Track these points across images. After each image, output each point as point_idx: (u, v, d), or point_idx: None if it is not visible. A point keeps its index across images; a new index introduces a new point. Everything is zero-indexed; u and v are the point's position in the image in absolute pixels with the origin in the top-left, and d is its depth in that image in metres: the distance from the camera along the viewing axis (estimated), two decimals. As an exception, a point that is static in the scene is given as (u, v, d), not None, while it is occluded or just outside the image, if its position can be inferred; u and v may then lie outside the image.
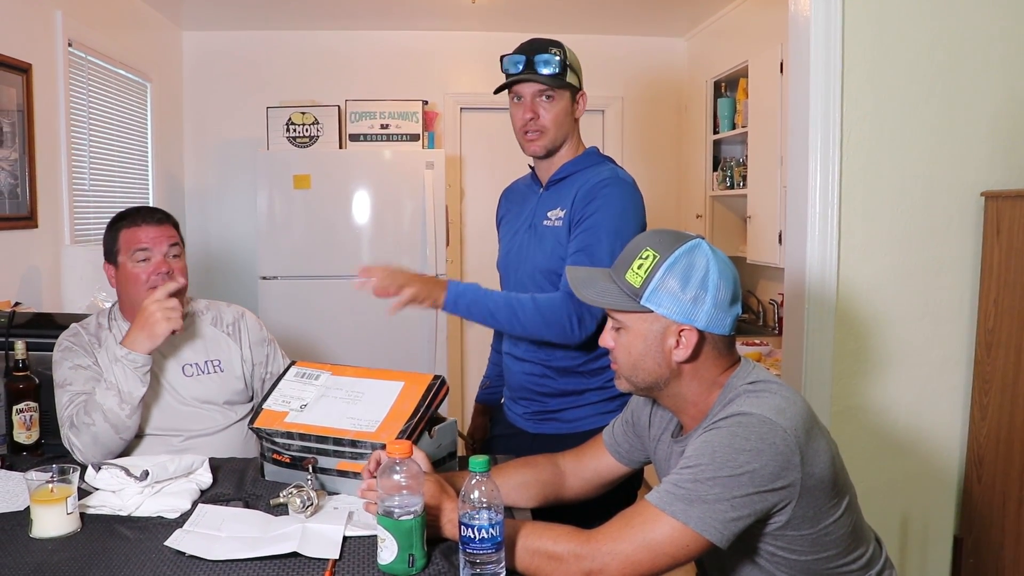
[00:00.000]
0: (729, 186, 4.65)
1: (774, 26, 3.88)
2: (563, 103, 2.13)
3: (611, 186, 2.06)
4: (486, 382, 2.53)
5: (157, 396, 2.07)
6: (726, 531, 1.33)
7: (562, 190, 2.15)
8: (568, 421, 2.16)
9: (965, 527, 2.60)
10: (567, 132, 2.16)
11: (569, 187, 2.13)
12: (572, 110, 2.16)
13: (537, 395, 2.20)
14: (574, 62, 2.15)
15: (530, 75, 2.10)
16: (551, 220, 2.14)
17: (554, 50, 2.09)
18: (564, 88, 2.12)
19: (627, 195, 2.07)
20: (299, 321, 4.18)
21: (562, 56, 2.10)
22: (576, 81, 2.15)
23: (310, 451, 1.81)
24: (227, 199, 4.98)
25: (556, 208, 2.13)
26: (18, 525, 1.61)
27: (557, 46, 2.10)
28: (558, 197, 2.15)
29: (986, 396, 2.52)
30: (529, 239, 2.20)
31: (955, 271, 2.56)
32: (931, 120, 2.50)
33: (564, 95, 2.13)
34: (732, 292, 1.47)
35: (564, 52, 2.11)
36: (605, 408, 2.13)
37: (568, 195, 2.11)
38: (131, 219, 2.17)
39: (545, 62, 2.08)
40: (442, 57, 5.09)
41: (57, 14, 3.27)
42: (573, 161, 2.18)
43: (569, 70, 2.11)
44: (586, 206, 2.04)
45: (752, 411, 1.37)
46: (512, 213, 2.34)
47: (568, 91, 2.13)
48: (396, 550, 1.38)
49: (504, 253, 2.32)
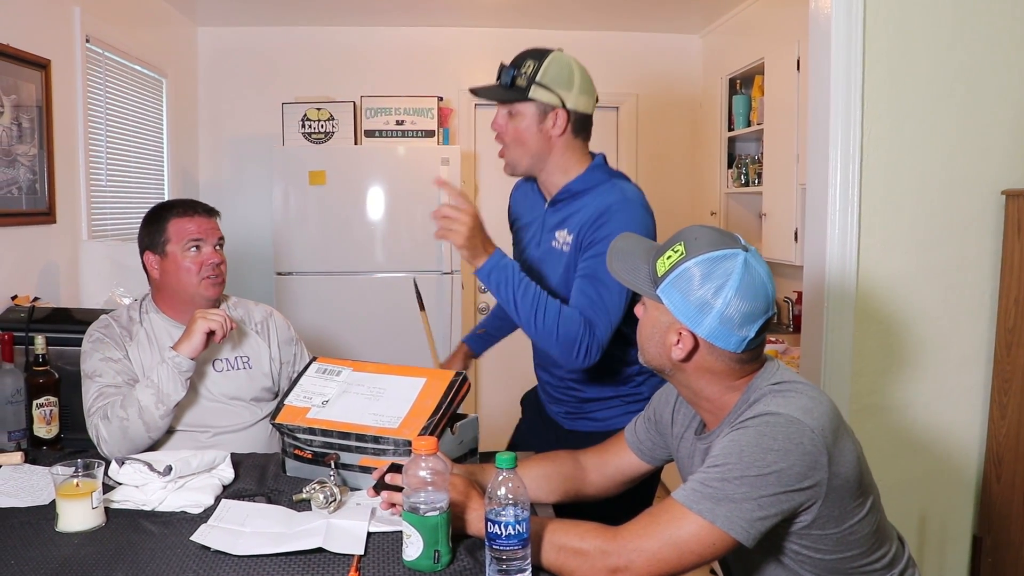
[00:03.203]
0: (744, 183, 4.63)
1: (790, 23, 3.86)
2: (524, 120, 2.00)
3: (620, 211, 1.95)
4: (480, 329, 2.52)
5: (188, 391, 2.08)
6: (752, 530, 1.33)
7: (568, 209, 2.05)
8: (599, 420, 2.16)
9: (984, 526, 2.59)
10: (535, 150, 2.03)
11: (575, 207, 2.03)
12: (540, 128, 2.00)
13: (568, 400, 2.21)
14: (554, 76, 1.98)
15: (485, 88, 2.04)
16: (559, 242, 2.06)
17: (528, 63, 1.98)
18: (522, 102, 1.99)
19: (636, 218, 1.96)
20: (315, 317, 4.19)
21: (531, 70, 1.97)
22: (550, 97, 1.98)
23: (332, 447, 1.81)
24: (242, 195, 4.99)
25: (563, 229, 2.05)
26: (43, 519, 1.62)
27: (538, 58, 1.98)
28: (565, 217, 2.05)
29: (1005, 395, 2.51)
30: (541, 259, 2.13)
31: (975, 269, 2.55)
32: (951, 118, 2.49)
33: (525, 110, 2.00)
34: (748, 313, 1.41)
35: (538, 64, 1.97)
36: (633, 407, 2.09)
37: (575, 218, 2.02)
38: (182, 209, 2.19)
39: (506, 76, 1.99)
40: (456, 53, 5.08)
41: (76, 10, 3.27)
42: (577, 180, 2.05)
43: (536, 86, 1.97)
44: (594, 232, 1.95)
45: (780, 411, 1.37)
46: (523, 220, 2.26)
47: (531, 106, 1.99)
48: (422, 546, 1.38)
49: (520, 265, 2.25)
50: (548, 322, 1.92)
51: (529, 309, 1.92)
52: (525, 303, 1.93)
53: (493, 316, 2.52)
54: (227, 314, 2.09)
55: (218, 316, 2.05)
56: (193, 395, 2.13)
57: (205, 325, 2.04)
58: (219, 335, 2.06)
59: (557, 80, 1.99)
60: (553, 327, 1.92)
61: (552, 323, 1.92)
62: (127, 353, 2.14)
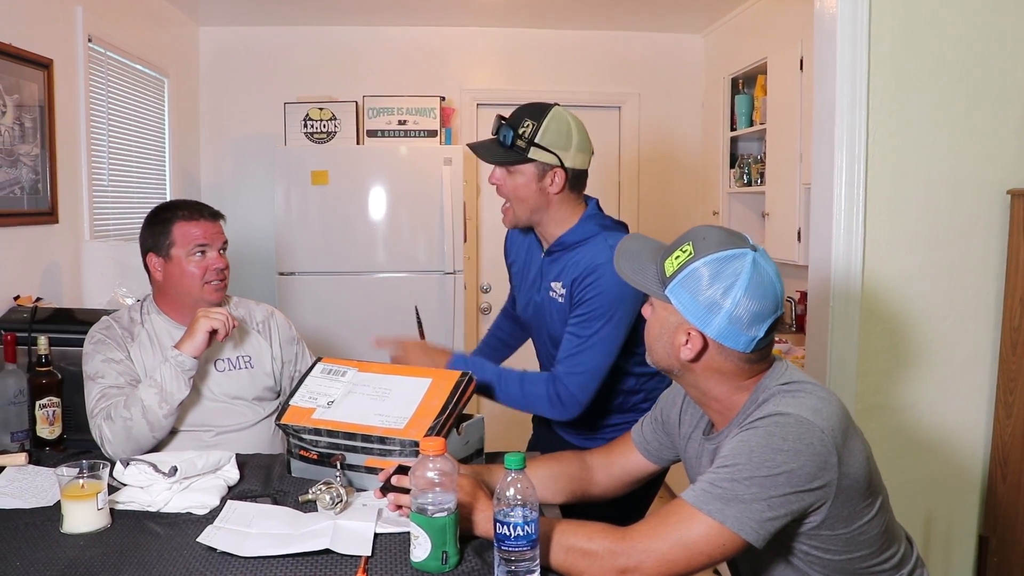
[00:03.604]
0: (746, 183, 4.63)
1: (793, 23, 3.86)
2: (523, 178, 2.05)
3: (607, 271, 1.93)
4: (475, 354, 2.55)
5: (191, 391, 2.07)
6: (762, 531, 1.33)
7: (562, 261, 2.09)
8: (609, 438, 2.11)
9: (989, 526, 2.59)
10: (535, 205, 2.08)
11: (566, 262, 2.08)
12: (539, 186, 2.05)
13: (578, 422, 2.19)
14: (553, 137, 2.02)
15: (479, 147, 2.09)
16: (555, 292, 2.12)
17: (526, 124, 2.01)
18: (517, 163, 2.04)
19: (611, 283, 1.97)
20: (317, 317, 4.18)
21: (530, 131, 2.00)
22: (549, 158, 2.02)
23: (338, 447, 1.81)
24: (244, 195, 4.98)
25: (558, 281, 2.10)
26: (48, 521, 1.62)
27: (536, 118, 2.01)
28: (559, 269, 2.10)
29: (1011, 395, 2.51)
30: (540, 305, 2.19)
31: (980, 269, 2.55)
32: (957, 117, 2.49)
33: (524, 170, 2.04)
34: (756, 313, 1.41)
35: (537, 126, 2.01)
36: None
37: (567, 272, 2.06)
38: (188, 212, 2.18)
39: (504, 135, 2.03)
40: (458, 53, 5.07)
41: (78, 9, 3.27)
42: (570, 232, 2.10)
43: (535, 147, 2.01)
44: (583, 291, 2.01)
45: (789, 411, 1.37)
46: (519, 263, 2.31)
47: (530, 166, 2.03)
48: (430, 547, 1.38)
49: (523, 307, 2.30)
50: (513, 390, 2.06)
51: (497, 386, 2.07)
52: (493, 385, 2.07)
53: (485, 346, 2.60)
54: (229, 313, 2.08)
55: (221, 315, 2.05)
56: (195, 395, 2.13)
57: (208, 324, 2.03)
58: (221, 334, 2.06)
59: (556, 141, 2.02)
60: (519, 394, 2.06)
61: (516, 390, 2.06)
62: (129, 354, 2.13)
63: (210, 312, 2.05)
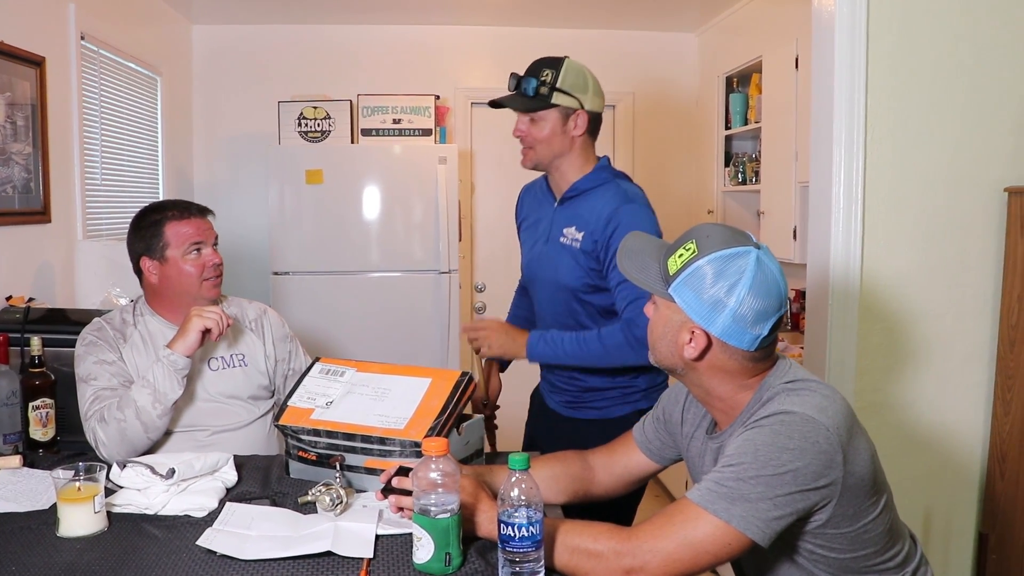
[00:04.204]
0: (741, 181, 4.63)
1: (788, 21, 3.85)
2: (550, 123, 2.17)
3: (625, 212, 2.10)
4: None
5: (185, 391, 2.05)
6: (768, 530, 1.32)
7: (576, 208, 2.21)
8: (597, 408, 2.27)
9: (988, 523, 2.59)
10: (559, 150, 2.20)
11: (582, 206, 2.19)
12: (563, 129, 2.18)
13: (567, 389, 2.31)
14: (572, 81, 2.15)
15: (509, 99, 2.19)
16: (567, 238, 2.20)
17: (545, 72, 2.14)
18: (546, 109, 2.15)
19: (639, 214, 2.12)
20: (311, 317, 4.17)
21: (551, 78, 2.13)
22: (571, 101, 2.16)
23: (337, 448, 1.79)
24: (238, 194, 4.95)
25: (572, 227, 2.19)
26: (44, 524, 1.60)
27: (553, 66, 2.15)
28: (573, 215, 2.21)
29: (1009, 392, 2.50)
30: (547, 253, 2.27)
31: (979, 267, 2.54)
32: (955, 115, 2.49)
33: (549, 116, 2.16)
34: (761, 311, 1.40)
35: (556, 72, 2.14)
36: (631, 398, 2.26)
37: (583, 216, 2.17)
38: (178, 212, 2.15)
39: (527, 85, 2.15)
40: (453, 52, 5.06)
41: (71, 7, 3.24)
42: (584, 179, 2.22)
43: (557, 92, 2.14)
44: (608, 239, 2.10)
45: (795, 409, 1.36)
46: (531, 219, 2.40)
47: (554, 111, 2.16)
48: (432, 549, 1.36)
49: (527, 262, 2.39)
50: (595, 348, 2.12)
51: (579, 351, 2.14)
52: (574, 351, 2.14)
53: (511, 318, 2.60)
54: (223, 311, 2.06)
55: (214, 313, 2.03)
56: (190, 395, 2.11)
57: (200, 323, 2.01)
58: (215, 333, 2.03)
59: (575, 85, 2.16)
60: (601, 349, 2.11)
61: (598, 347, 2.11)
62: (121, 355, 2.11)
63: (203, 311, 2.03)
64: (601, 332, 2.12)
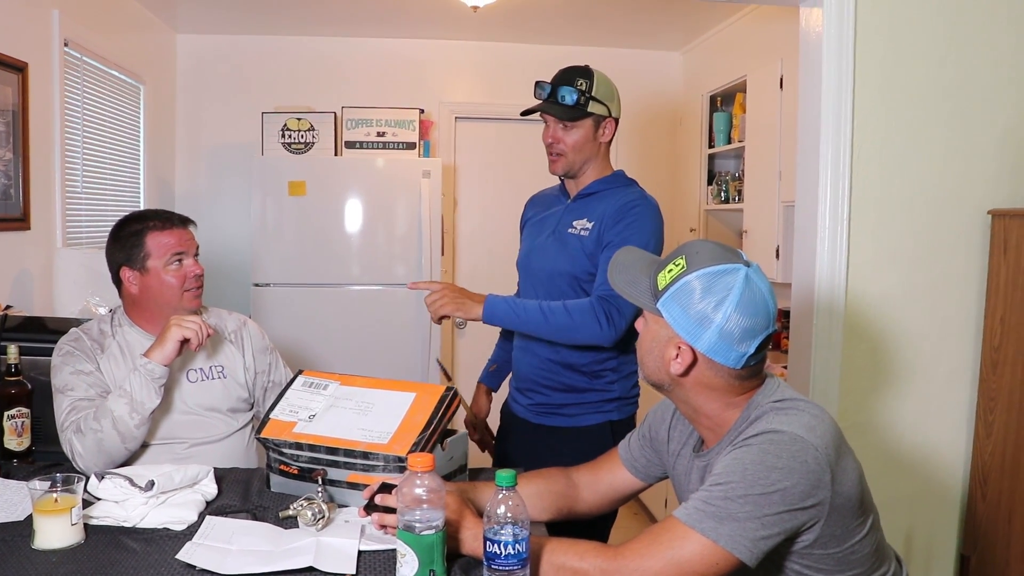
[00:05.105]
0: (724, 200, 4.64)
1: (773, 41, 3.88)
2: (583, 131, 2.25)
3: (640, 207, 2.19)
4: (492, 365, 2.61)
5: (162, 403, 2.02)
6: (756, 549, 1.31)
7: (590, 204, 2.27)
8: (568, 416, 2.26)
9: (969, 545, 2.59)
10: (588, 156, 2.28)
11: (597, 202, 2.25)
12: (594, 136, 2.27)
13: (542, 387, 2.29)
14: (603, 90, 2.24)
15: (549, 107, 2.24)
16: (576, 229, 2.25)
17: (580, 81, 2.21)
18: (583, 118, 2.23)
19: (654, 217, 2.21)
20: (292, 329, 4.13)
21: (586, 87, 2.21)
22: (603, 109, 2.24)
23: (319, 462, 1.77)
24: (220, 205, 4.92)
25: (583, 219, 2.25)
26: (19, 536, 1.56)
27: (586, 76, 2.22)
28: (585, 209, 2.27)
29: (991, 413, 2.52)
30: (552, 243, 2.30)
31: (962, 288, 2.56)
32: (940, 138, 2.51)
33: (584, 124, 2.24)
34: (748, 328, 1.40)
35: (590, 82, 2.21)
36: (604, 408, 2.25)
37: (596, 209, 2.23)
38: (159, 222, 2.12)
39: (566, 94, 2.20)
40: (437, 66, 5.06)
41: (54, 13, 3.21)
42: (602, 180, 2.30)
43: (592, 101, 2.21)
44: (616, 224, 2.17)
45: (784, 429, 1.35)
46: (537, 217, 2.44)
47: (589, 119, 2.24)
48: (417, 565, 1.34)
49: (524, 253, 2.41)
50: (560, 319, 2.12)
51: (542, 319, 2.14)
52: (537, 318, 2.14)
53: (499, 349, 2.62)
54: (203, 322, 2.03)
55: (194, 324, 1.99)
56: (167, 406, 2.08)
57: (179, 333, 1.98)
58: (194, 343, 2.00)
59: (606, 94, 2.26)
60: (567, 319, 2.12)
61: (563, 317, 2.12)
62: (98, 366, 2.08)
63: (183, 320, 2.00)
64: (568, 303, 2.14)
